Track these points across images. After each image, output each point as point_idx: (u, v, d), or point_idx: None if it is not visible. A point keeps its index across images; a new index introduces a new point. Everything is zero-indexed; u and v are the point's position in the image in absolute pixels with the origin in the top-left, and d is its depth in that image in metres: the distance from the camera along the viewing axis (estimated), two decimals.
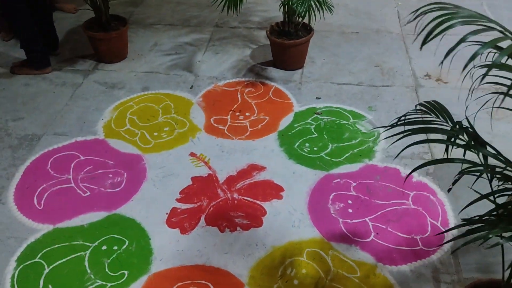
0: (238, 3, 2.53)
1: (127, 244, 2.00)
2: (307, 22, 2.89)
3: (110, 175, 2.33)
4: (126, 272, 1.89)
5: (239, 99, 2.85)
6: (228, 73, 3.09)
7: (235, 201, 2.19)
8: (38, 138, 2.56)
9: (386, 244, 1.98)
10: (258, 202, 2.19)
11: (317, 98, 2.84)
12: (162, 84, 2.99)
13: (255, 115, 2.73)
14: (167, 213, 2.14)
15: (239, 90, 2.92)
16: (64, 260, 1.94)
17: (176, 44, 3.39)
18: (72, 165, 2.38)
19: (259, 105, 2.80)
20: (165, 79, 3.04)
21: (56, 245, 2.00)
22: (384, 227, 2.05)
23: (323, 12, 2.66)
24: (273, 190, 2.25)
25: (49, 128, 2.63)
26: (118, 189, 2.27)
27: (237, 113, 2.74)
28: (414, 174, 2.30)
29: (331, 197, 2.20)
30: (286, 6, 2.82)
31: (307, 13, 2.60)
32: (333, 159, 2.40)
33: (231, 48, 3.34)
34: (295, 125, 2.64)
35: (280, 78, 3.03)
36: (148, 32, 3.54)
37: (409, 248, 1.97)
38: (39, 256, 1.96)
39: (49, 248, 1.99)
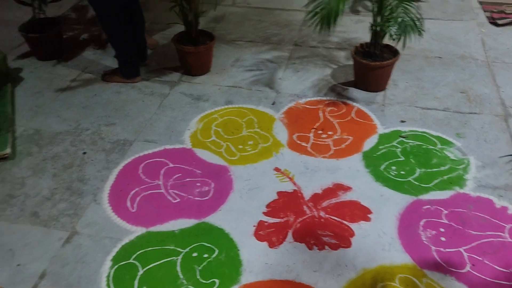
0: (332, 23, 2.55)
1: (217, 253, 2.03)
2: (393, 44, 2.87)
3: (198, 184, 2.39)
4: (217, 281, 1.91)
5: (321, 117, 2.86)
6: (309, 91, 3.11)
7: (322, 220, 2.18)
8: (130, 143, 2.67)
9: (483, 277, 1.90)
10: (345, 222, 2.17)
11: (402, 121, 2.79)
12: (245, 98, 3.05)
13: (337, 134, 2.72)
14: (254, 226, 2.16)
15: (320, 109, 2.93)
16: (157, 263, 1.99)
17: (257, 61, 3.46)
18: (162, 172, 2.46)
19: (341, 124, 2.80)
20: (248, 94, 3.10)
21: (149, 248, 2.06)
22: (480, 259, 1.97)
23: (419, 35, 2.63)
24: (360, 212, 2.22)
25: (139, 135, 2.74)
26: (206, 198, 2.32)
27: (320, 131, 2.75)
28: (510, 206, 2.21)
29: (421, 223, 2.14)
30: (377, 28, 2.81)
31: (402, 36, 2.58)
32: (422, 185, 2.34)
33: (311, 67, 3.37)
34: (380, 147, 2.61)
35: (362, 99, 3.01)
36: (230, 48, 3.63)
37: (508, 283, 1.88)
38: (133, 257, 2.02)
39: (142, 250, 2.05)
